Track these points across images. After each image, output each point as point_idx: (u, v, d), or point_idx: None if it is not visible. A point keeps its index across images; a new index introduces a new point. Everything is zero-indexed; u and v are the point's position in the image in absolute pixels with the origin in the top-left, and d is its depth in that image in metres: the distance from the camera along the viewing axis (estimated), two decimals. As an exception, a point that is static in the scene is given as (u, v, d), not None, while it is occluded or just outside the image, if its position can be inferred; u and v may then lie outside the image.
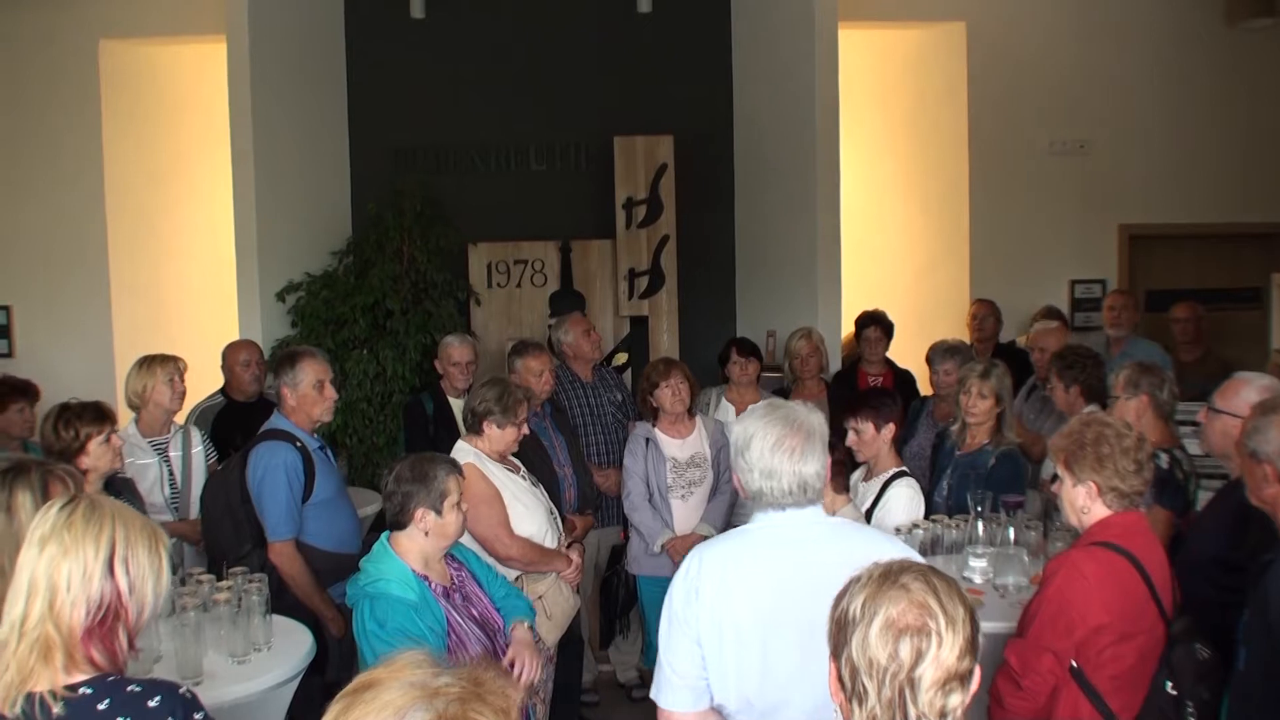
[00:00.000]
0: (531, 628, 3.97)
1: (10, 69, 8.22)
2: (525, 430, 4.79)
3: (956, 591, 1.97)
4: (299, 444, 4.62)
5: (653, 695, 2.82)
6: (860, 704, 1.93)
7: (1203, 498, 4.53)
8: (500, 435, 4.72)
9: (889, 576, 1.98)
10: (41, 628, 2.20)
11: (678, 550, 5.49)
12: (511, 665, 3.74)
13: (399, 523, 3.70)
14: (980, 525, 4.50)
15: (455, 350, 6.25)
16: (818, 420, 2.86)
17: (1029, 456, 5.21)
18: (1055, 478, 3.42)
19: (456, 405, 5.91)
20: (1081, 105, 8.61)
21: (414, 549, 3.69)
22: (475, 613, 3.78)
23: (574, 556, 4.84)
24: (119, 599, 2.26)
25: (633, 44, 8.21)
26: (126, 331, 8.21)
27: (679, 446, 5.64)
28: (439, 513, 3.66)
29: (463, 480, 3.78)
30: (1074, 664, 3.10)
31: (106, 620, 2.25)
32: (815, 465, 2.78)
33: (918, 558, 2.75)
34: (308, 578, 4.50)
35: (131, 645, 2.33)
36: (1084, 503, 3.30)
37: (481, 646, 3.69)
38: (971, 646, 1.93)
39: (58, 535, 2.24)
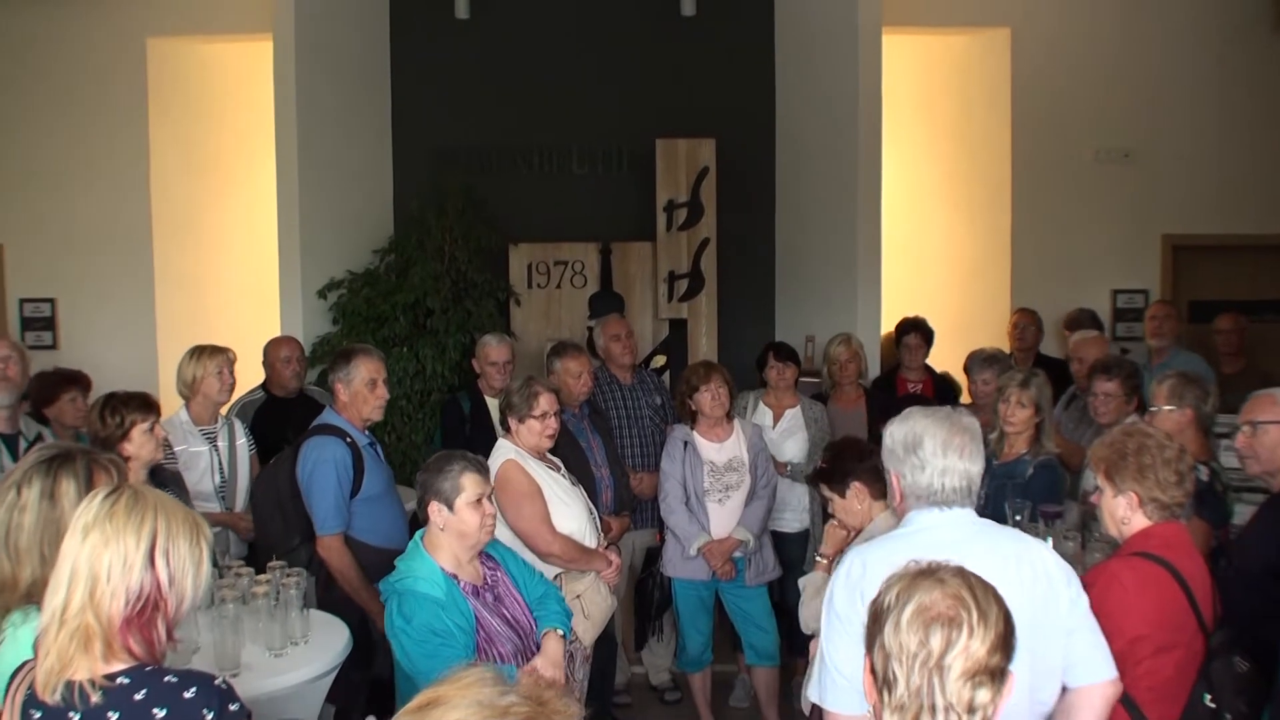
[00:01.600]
0: (565, 637, 3.94)
1: (59, 66, 8.31)
2: (554, 424, 4.80)
3: (992, 592, 1.98)
4: (349, 439, 4.65)
5: (814, 697, 2.80)
6: (890, 692, 1.93)
7: (1239, 511, 4.48)
8: (526, 429, 4.75)
9: (927, 572, 2.00)
10: (81, 617, 2.23)
11: (713, 554, 5.49)
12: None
13: (424, 516, 3.73)
14: (1017, 535, 4.47)
15: (493, 350, 6.26)
16: (976, 423, 2.95)
17: (1067, 466, 5.17)
18: (1097, 489, 3.40)
19: (493, 405, 5.91)
20: (1127, 114, 8.53)
21: (444, 547, 3.71)
22: (506, 612, 3.78)
23: (614, 557, 4.85)
24: (158, 590, 2.28)
25: (676, 47, 8.22)
26: (170, 325, 8.29)
27: (717, 450, 5.63)
28: (451, 507, 3.66)
29: (485, 480, 3.77)
30: (1112, 675, 3.08)
31: (145, 611, 2.27)
32: (979, 465, 2.87)
33: (1064, 563, 2.82)
34: (356, 572, 4.52)
35: (170, 636, 2.35)
36: (1124, 513, 3.27)
37: (511, 646, 3.70)
38: (1004, 644, 1.93)
39: (100, 525, 2.26)
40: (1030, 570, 2.69)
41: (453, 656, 3.40)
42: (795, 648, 5.78)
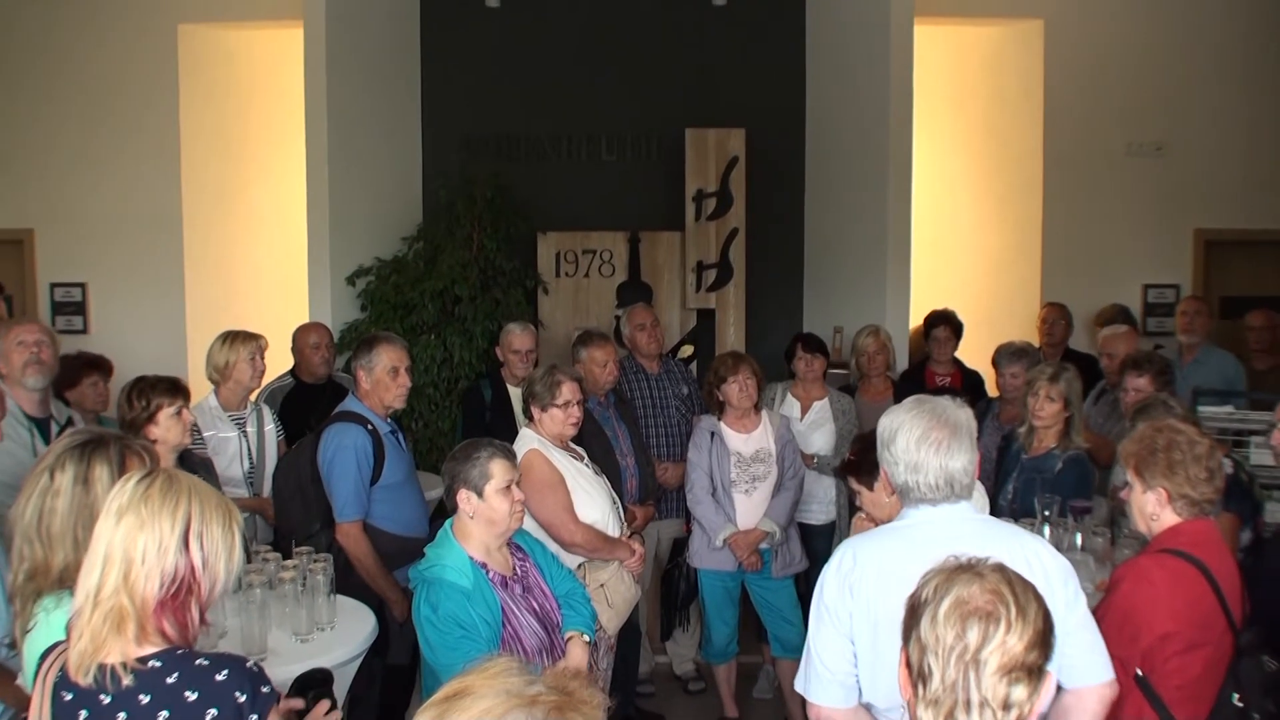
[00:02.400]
0: (590, 641, 3.94)
1: (91, 52, 8.36)
2: (577, 413, 4.78)
3: (1032, 590, 1.97)
4: (370, 426, 4.66)
5: (799, 689, 2.80)
6: (925, 685, 1.92)
7: (1270, 509, 4.45)
8: (549, 418, 4.74)
9: (966, 567, 1.99)
10: (115, 598, 2.24)
11: (740, 545, 5.48)
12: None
13: (453, 505, 3.73)
14: (1047, 530, 4.45)
15: (516, 338, 6.23)
16: (965, 416, 2.87)
17: (1096, 461, 5.14)
18: (1127, 485, 3.37)
19: (515, 393, 5.90)
20: (1159, 107, 8.47)
21: (474, 535, 3.70)
22: (535, 605, 3.77)
23: (637, 546, 4.84)
24: (192, 573, 2.29)
25: (706, 36, 8.21)
26: (199, 310, 8.34)
27: (744, 441, 5.62)
28: (480, 494, 3.66)
29: (513, 466, 3.76)
30: (1139, 672, 3.05)
31: (179, 594, 2.28)
32: (962, 460, 2.78)
33: (1062, 560, 2.77)
34: (373, 559, 4.53)
35: (203, 619, 2.36)
36: (1154, 509, 3.25)
37: (536, 640, 3.70)
38: (1042, 641, 1.91)
39: (135, 507, 2.27)
40: (1026, 568, 2.64)
41: (474, 650, 3.39)
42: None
